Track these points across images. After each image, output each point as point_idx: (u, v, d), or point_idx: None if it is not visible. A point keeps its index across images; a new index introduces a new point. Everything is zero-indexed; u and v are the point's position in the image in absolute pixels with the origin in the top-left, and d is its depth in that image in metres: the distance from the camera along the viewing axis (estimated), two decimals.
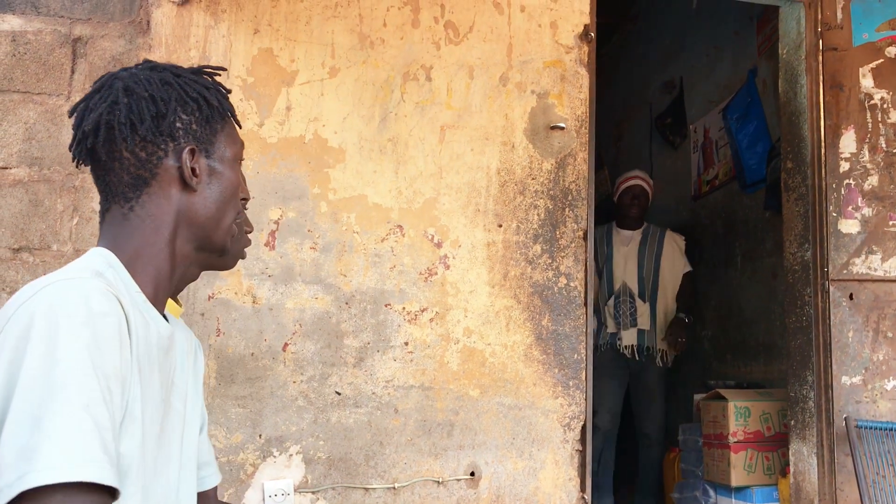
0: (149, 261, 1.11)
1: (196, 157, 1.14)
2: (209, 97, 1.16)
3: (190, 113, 1.14)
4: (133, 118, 1.09)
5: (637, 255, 4.42)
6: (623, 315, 4.32)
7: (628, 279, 4.37)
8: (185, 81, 1.15)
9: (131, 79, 1.12)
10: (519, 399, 2.77)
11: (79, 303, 0.91)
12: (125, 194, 1.11)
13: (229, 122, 1.21)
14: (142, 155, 1.11)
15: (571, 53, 2.95)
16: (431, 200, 2.77)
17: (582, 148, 2.91)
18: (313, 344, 2.64)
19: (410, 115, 2.79)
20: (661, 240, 4.50)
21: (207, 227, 1.16)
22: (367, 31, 2.79)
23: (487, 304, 2.77)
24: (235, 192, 1.20)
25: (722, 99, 4.84)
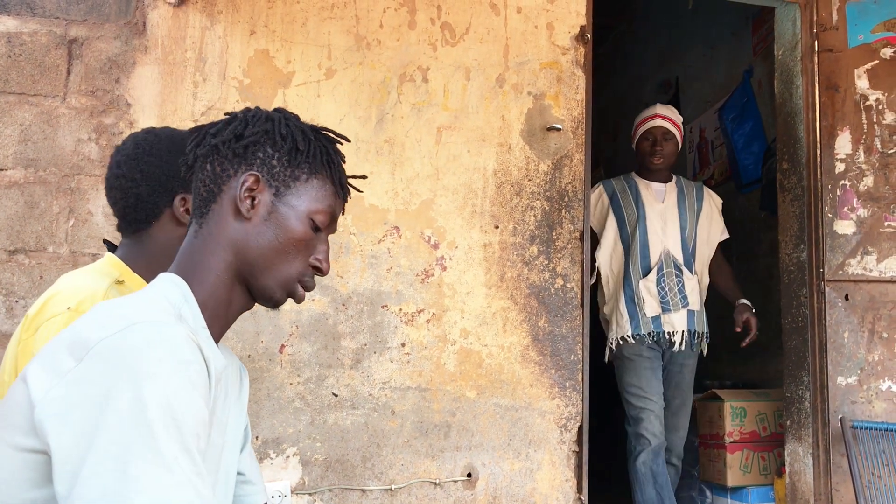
0: (209, 288, 1.09)
1: (260, 187, 1.11)
2: (300, 142, 1.13)
3: (276, 149, 1.12)
4: (219, 131, 1.12)
5: (678, 214, 3.38)
6: (671, 292, 3.28)
7: (671, 245, 3.32)
8: (288, 123, 1.14)
9: (248, 111, 1.16)
10: (516, 400, 2.77)
11: (168, 348, 0.89)
12: (200, 209, 1.13)
13: (321, 180, 1.15)
14: (217, 169, 1.12)
15: (568, 55, 2.95)
16: (428, 202, 2.77)
17: (578, 149, 2.92)
18: (310, 345, 2.63)
19: (407, 117, 2.79)
20: (699, 196, 3.51)
21: (255, 267, 1.12)
22: (364, 33, 2.79)
23: (484, 305, 2.77)
24: (296, 248, 1.13)
25: (718, 99, 4.85)
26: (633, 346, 3.29)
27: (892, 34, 3.12)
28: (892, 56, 3.11)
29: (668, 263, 3.31)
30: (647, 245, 3.34)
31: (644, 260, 3.33)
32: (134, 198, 1.49)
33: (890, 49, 3.11)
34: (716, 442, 3.60)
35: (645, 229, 3.35)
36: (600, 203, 3.45)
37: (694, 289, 3.34)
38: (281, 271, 1.13)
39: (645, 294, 3.30)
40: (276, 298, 1.14)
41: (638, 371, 3.26)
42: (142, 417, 0.84)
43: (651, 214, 3.36)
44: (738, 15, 4.60)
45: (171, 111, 2.59)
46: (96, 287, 1.36)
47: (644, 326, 3.28)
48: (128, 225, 1.52)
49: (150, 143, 1.51)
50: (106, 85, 2.57)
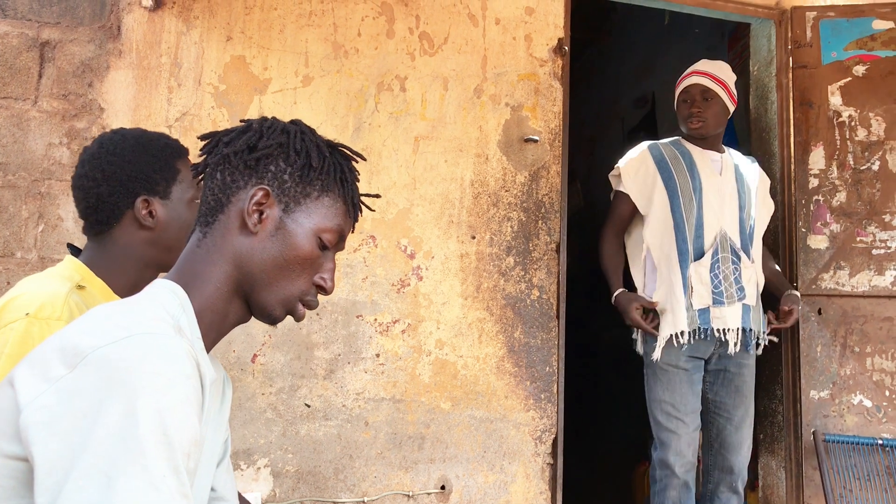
0: (207, 299, 1.07)
1: (270, 202, 1.09)
2: (314, 157, 1.11)
3: (289, 163, 1.10)
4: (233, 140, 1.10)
5: (737, 190, 2.82)
6: (726, 281, 2.72)
7: (728, 226, 2.77)
8: (304, 137, 1.12)
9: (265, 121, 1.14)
10: (490, 412, 2.75)
11: (166, 363, 0.87)
12: (206, 217, 1.10)
13: (334, 197, 1.13)
14: (227, 179, 1.09)
15: (545, 67, 2.96)
16: (405, 211, 2.75)
17: (555, 161, 2.92)
18: (283, 355, 2.60)
19: (384, 126, 2.77)
20: (754, 169, 2.96)
21: (256, 282, 1.09)
22: (342, 41, 2.77)
23: (460, 315, 2.76)
24: (301, 266, 1.10)
25: None
26: (670, 353, 2.71)
27: (864, 52, 3.16)
28: (865, 74, 3.15)
29: (724, 247, 2.74)
30: (701, 223, 2.75)
31: (697, 241, 2.75)
32: (95, 198, 1.45)
33: (862, 67, 3.15)
34: None
35: (700, 204, 2.76)
36: (643, 169, 2.85)
37: (751, 279, 2.78)
38: (283, 288, 1.10)
39: (695, 281, 2.72)
40: (276, 315, 1.12)
41: (672, 385, 2.71)
42: (133, 432, 0.81)
43: (708, 187, 2.78)
44: (713, 31, 4.64)
45: (144, 116, 2.55)
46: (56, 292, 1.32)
47: (690, 322, 2.69)
48: (90, 227, 1.49)
49: (114, 144, 1.48)
50: (79, 89, 2.54)
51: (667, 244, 2.78)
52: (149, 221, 1.46)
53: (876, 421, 3.00)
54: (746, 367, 2.80)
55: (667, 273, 2.77)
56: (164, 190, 1.48)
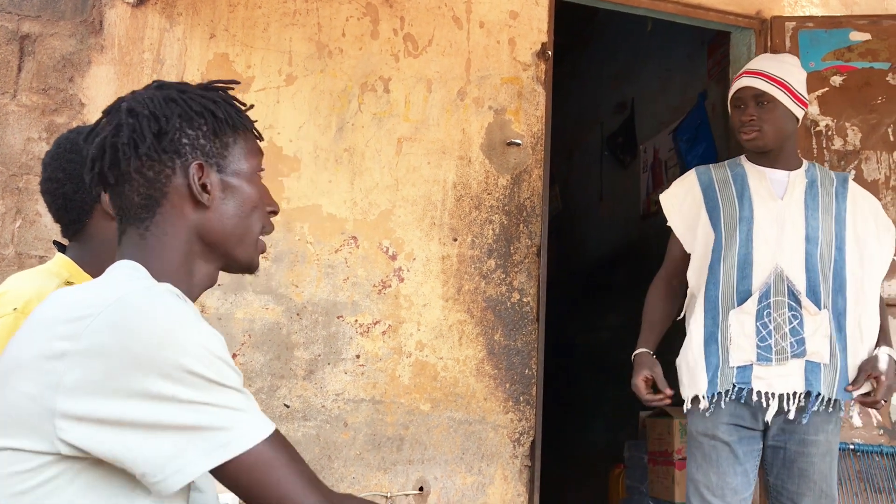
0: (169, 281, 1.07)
1: (206, 172, 1.10)
2: (216, 110, 1.12)
3: (196, 128, 1.10)
4: (136, 137, 1.06)
5: (804, 216, 2.28)
6: (778, 332, 2.19)
7: (786, 263, 2.23)
8: (190, 97, 1.11)
9: (135, 100, 1.10)
10: (470, 414, 2.76)
11: (177, 304, 0.93)
12: (139, 215, 1.09)
13: (243, 135, 1.16)
14: (149, 174, 1.08)
15: (529, 71, 2.97)
16: (387, 212, 2.75)
17: (537, 165, 2.93)
18: (262, 355, 2.59)
19: (368, 126, 2.77)
20: (842, 192, 2.37)
21: (228, 244, 1.13)
22: (326, 41, 2.77)
23: (441, 317, 2.76)
24: (256, 206, 1.15)
25: (672, 120, 4.93)
26: (705, 421, 2.20)
27: (841, 63, 3.21)
28: (842, 84, 3.20)
29: (778, 289, 2.20)
30: (748, 259, 2.23)
31: (743, 281, 2.22)
32: (62, 198, 1.46)
33: (839, 77, 3.20)
34: (665, 459, 3.63)
35: (749, 236, 2.25)
36: (690, 198, 2.39)
37: (819, 329, 2.20)
38: (250, 235, 1.15)
39: (736, 332, 2.19)
40: (255, 261, 1.17)
41: (709, 461, 2.20)
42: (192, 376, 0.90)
43: (763, 215, 2.27)
44: (693, 39, 4.69)
45: None
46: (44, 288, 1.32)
47: (722, 381, 2.18)
48: (66, 228, 1.50)
49: (71, 141, 1.48)
50: (59, 83, 2.51)
51: (696, 287, 2.31)
52: None
53: (848, 426, 3.05)
54: (814, 446, 2.20)
55: (689, 322, 2.31)
56: None
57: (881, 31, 3.19)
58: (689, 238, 2.36)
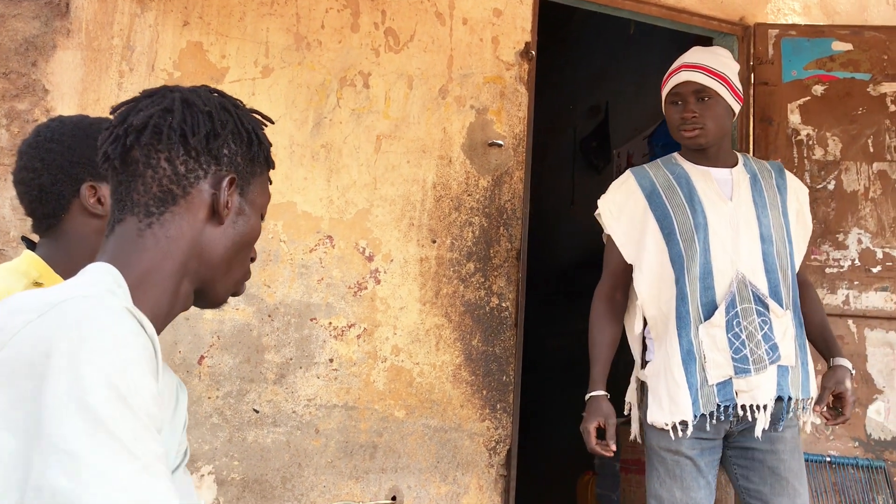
0: (152, 290, 0.98)
1: (232, 189, 1.04)
2: (262, 136, 1.08)
3: (239, 144, 1.05)
4: (185, 127, 1.00)
5: (756, 216, 2.18)
6: (751, 341, 2.08)
7: (747, 268, 2.12)
8: (243, 114, 1.07)
9: (191, 93, 1.04)
10: (445, 421, 2.68)
11: (106, 321, 0.80)
12: (148, 207, 1.00)
13: (266, 173, 1.12)
14: (181, 169, 1.00)
15: (512, 70, 2.90)
16: (364, 212, 2.66)
17: (518, 167, 2.87)
18: (232, 358, 2.48)
19: (346, 122, 2.68)
20: (781, 183, 2.29)
21: (217, 272, 1.05)
22: (304, 32, 2.67)
23: (418, 321, 2.68)
24: (251, 243, 1.09)
25: (647, 126, 4.91)
26: (666, 435, 2.09)
27: (823, 72, 3.20)
28: (823, 93, 3.18)
29: (743, 296, 2.09)
30: (709, 270, 2.11)
31: (706, 293, 2.10)
32: (37, 189, 1.35)
33: (821, 86, 3.19)
34: (638, 467, 3.59)
35: (707, 245, 2.12)
36: (631, 203, 2.24)
37: (787, 331, 2.13)
38: (236, 272, 1.08)
39: (708, 347, 2.07)
40: (224, 300, 1.10)
41: (673, 477, 2.10)
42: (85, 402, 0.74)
43: (716, 220, 2.14)
44: (670, 44, 4.67)
45: (93, 100, 2.41)
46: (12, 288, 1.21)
47: (705, 403, 2.05)
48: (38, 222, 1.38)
49: (52, 130, 1.38)
50: (21, 67, 2.37)
51: (664, 304, 2.15)
52: (98, 209, 1.36)
53: (824, 438, 3.03)
54: (782, 442, 2.13)
55: (663, 341, 2.14)
56: None
57: (863, 41, 3.19)
58: (631, 249, 2.22)
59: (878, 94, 3.14)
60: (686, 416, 2.04)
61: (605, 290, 2.29)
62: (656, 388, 2.12)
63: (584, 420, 2.19)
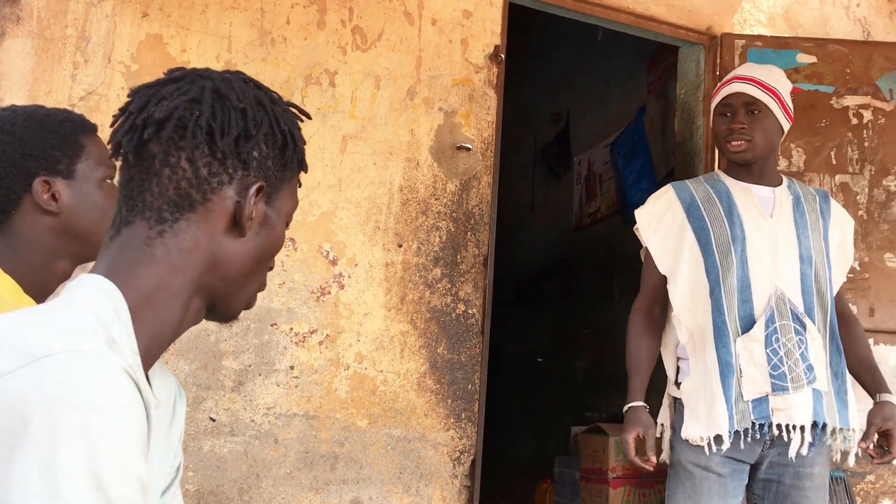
0: (158, 309, 0.87)
1: (259, 197, 0.92)
2: (297, 138, 0.97)
3: (272, 147, 0.93)
4: (214, 125, 0.88)
5: (796, 235, 2.15)
6: (789, 358, 2.03)
7: (786, 285, 2.09)
8: (280, 111, 0.95)
9: (224, 83, 0.92)
10: (409, 431, 2.61)
11: (95, 394, 0.69)
12: (161, 212, 0.88)
13: (297, 177, 1.00)
14: (203, 172, 0.88)
15: (481, 73, 2.86)
16: (328, 214, 2.58)
17: (487, 171, 2.82)
18: (187, 364, 2.38)
19: (311, 122, 2.59)
20: (824, 209, 2.27)
21: (233, 287, 0.93)
22: (269, 28, 2.58)
23: (382, 328, 2.60)
24: (273, 255, 0.98)
25: (609, 134, 4.91)
26: (700, 451, 2.03)
27: None
28: None
29: (781, 313, 2.04)
30: (748, 284, 2.07)
31: (744, 306, 2.06)
32: None
33: None
34: (598, 477, 3.56)
35: (744, 258, 2.09)
36: (670, 215, 2.21)
37: (819, 355, 2.08)
38: (253, 285, 0.97)
39: (745, 362, 2.02)
40: (237, 315, 0.99)
41: (700, 493, 2.05)
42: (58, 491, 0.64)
43: (755, 235, 2.11)
44: (633, 53, 4.68)
45: (44, 92, 2.29)
46: None
47: (740, 419, 2.00)
48: None
49: (3, 120, 1.28)
50: None
51: (700, 315, 2.10)
52: (51, 206, 1.27)
53: None
54: (809, 479, 2.07)
55: (700, 354, 2.09)
56: (67, 168, 1.29)
57: (826, 54, 3.21)
58: (668, 260, 2.18)
59: (841, 106, 3.17)
60: (722, 430, 1.98)
61: (642, 305, 2.25)
62: (695, 402, 2.06)
63: (623, 430, 2.17)
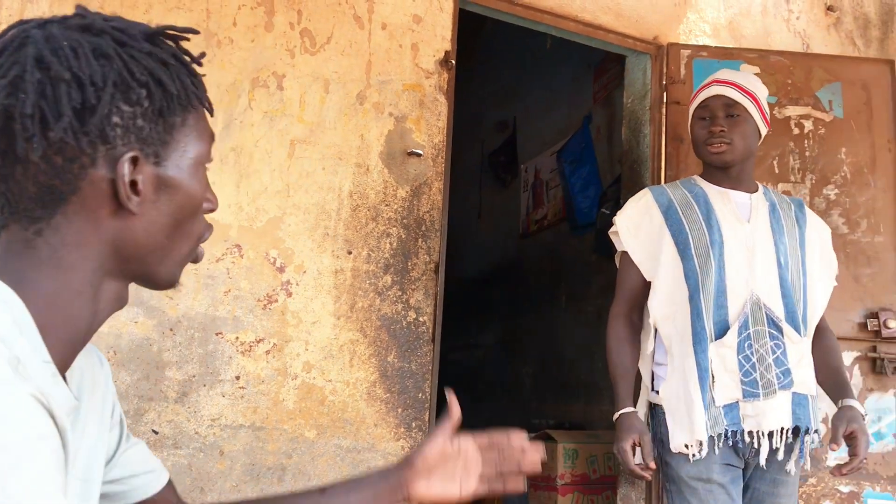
0: (61, 312, 0.79)
1: (140, 165, 0.80)
2: (166, 80, 0.81)
3: (135, 103, 0.79)
4: (46, 109, 0.74)
5: (773, 240, 2.14)
6: (761, 364, 2.03)
7: (762, 289, 2.08)
8: (133, 54, 0.80)
9: (48, 42, 0.76)
10: (358, 441, 2.56)
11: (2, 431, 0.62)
12: (30, 212, 0.78)
13: (194, 112, 0.86)
14: (57, 161, 0.76)
15: (431, 79, 2.83)
16: (276, 220, 2.53)
17: (438, 177, 2.79)
18: (129, 375, 2.29)
19: (258, 125, 2.54)
20: (801, 217, 2.26)
21: (150, 259, 0.84)
22: (215, 29, 2.52)
23: (331, 336, 2.55)
24: (196, 210, 0.86)
25: (555, 142, 4.94)
26: (700, 462, 2.01)
27: None
28: None
29: (756, 318, 2.04)
30: (723, 289, 2.06)
31: (719, 311, 2.05)
32: None
33: None
34: (547, 484, 3.56)
35: (722, 262, 2.07)
36: (648, 219, 2.20)
37: (803, 359, 2.09)
38: (183, 246, 0.87)
39: (717, 368, 2.02)
40: (177, 278, 0.90)
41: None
42: None
43: (732, 240, 2.10)
44: (580, 62, 4.72)
45: None
46: None
47: (713, 425, 2.00)
48: None
49: None
50: None
51: (679, 320, 2.08)
52: None
53: None
54: (784, 486, 2.08)
55: (679, 359, 2.06)
56: None
57: (769, 65, 3.28)
58: (649, 265, 2.16)
59: (783, 116, 3.24)
60: (702, 436, 1.98)
61: (621, 311, 2.22)
62: (676, 409, 2.05)
63: (618, 439, 2.13)
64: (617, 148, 4.15)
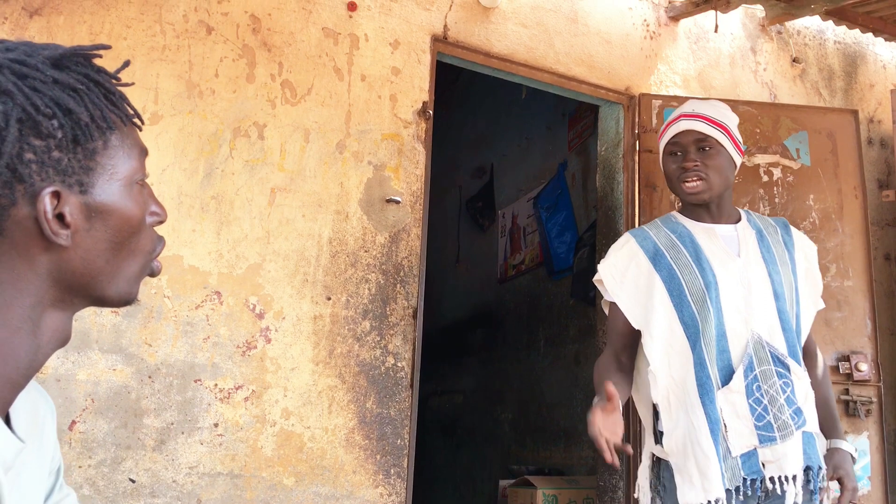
0: (1, 349, 0.78)
1: (64, 197, 0.79)
2: (76, 107, 0.79)
3: (47, 136, 0.77)
4: None
5: (767, 272, 2.04)
6: (773, 405, 1.92)
7: (761, 327, 1.98)
8: (36, 86, 0.78)
9: None
10: (337, 488, 2.56)
11: None
12: None
13: (117, 132, 0.84)
14: None
15: (409, 128, 2.90)
16: (256, 266, 2.55)
17: (416, 224, 2.84)
18: (107, 423, 2.29)
19: (239, 174, 2.57)
20: (787, 239, 2.15)
21: (96, 286, 0.83)
22: (197, 80, 2.57)
23: (310, 382, 2.56)
24: (137, 228, 0.85)
25: (531, 188, 5.02)
26: None
27: None
28: None
29: (760, 358, 1.93)
30: (723, 332, 1.95)
31: (721, 356, 1.94)
32: None
33: None
34: None
35: (719, 305, 1.96)
36: (635, 267, 2.07)
37: (808, 395, 1.99)
38: (130, 265, 0.87)
39: (729, 415, 1.90)
40: (133, 295, 0.89)
41: None
42: None
43: (725, 278, 1.98)
44: (554, 111, 4.82)
45: None
46: None
47: (731, 477, 1.86)
48: None
49: None
50: None
51: (677, 371, 1.96)
52: None
53: None
54: None
55: (683, 412, 1.93)
56: None
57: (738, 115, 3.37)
58: (638, 313, 2.03)
59: (753, 164, 3.33)
60: (720, 492, 1.83)
61: (610, 352, 2.10)
62: (683, 464, 1.89)
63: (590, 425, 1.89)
64: (592, 194, 4.23)
